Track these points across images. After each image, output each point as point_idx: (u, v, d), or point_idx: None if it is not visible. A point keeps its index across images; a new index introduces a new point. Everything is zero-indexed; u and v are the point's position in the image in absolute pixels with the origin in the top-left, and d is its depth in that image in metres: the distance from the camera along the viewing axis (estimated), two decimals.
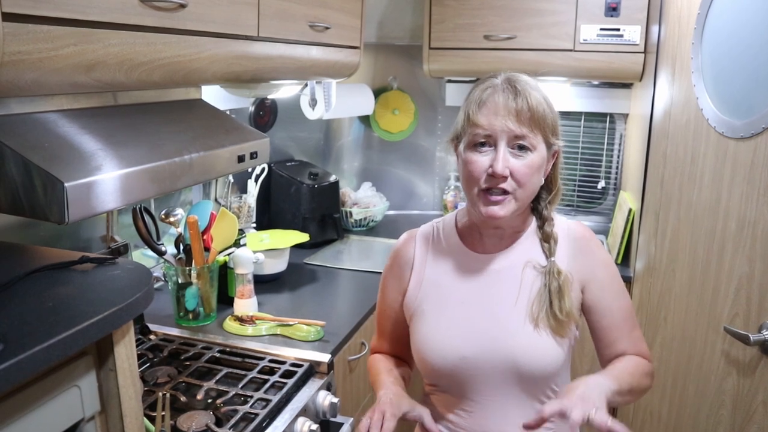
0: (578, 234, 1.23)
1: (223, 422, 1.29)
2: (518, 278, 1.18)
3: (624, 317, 1.21)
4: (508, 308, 1.17)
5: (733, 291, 1.53)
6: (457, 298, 1.20)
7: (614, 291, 1.21)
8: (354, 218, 2.86)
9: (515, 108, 1.09)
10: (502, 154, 1.10)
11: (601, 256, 1.23)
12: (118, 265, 0.90)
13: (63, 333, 0.66)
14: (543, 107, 1.12)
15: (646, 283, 2.16)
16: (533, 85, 1.14)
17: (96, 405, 0.79)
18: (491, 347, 1.14)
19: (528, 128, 1.10)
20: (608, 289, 1.21)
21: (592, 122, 3.01)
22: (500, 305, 1.17)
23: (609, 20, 2.43)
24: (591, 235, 1.25)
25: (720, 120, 1.63)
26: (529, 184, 1.13)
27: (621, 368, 1.15)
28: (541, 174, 1.16)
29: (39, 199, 0.93)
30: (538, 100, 1.11)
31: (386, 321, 1.34)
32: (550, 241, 1.20)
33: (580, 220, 3.03)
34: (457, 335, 1.17)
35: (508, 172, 1.10)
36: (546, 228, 1.22)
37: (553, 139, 1.16)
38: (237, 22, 1.39)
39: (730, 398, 1.55)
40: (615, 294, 1.21)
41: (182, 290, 1.73)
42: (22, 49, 0.88)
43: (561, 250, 1.20)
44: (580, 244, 1.22)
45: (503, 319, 1.16)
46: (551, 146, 1.16)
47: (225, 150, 1.34)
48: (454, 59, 2.65)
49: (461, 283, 1.21)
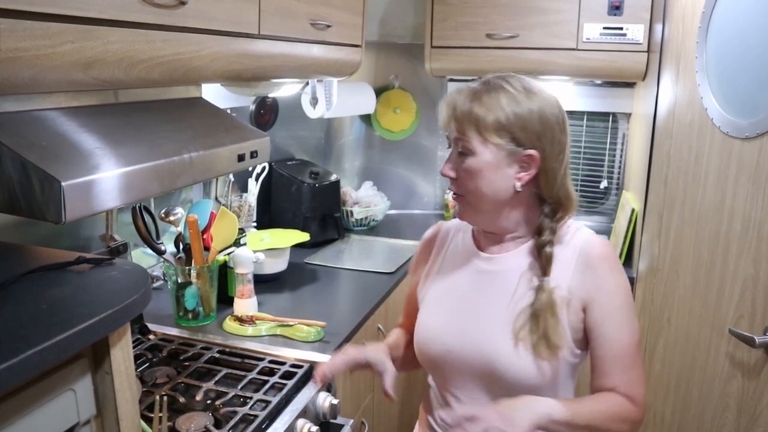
0: (594, 251, 1.14)
1: (222, 424, 1.28)
2: (513, 285, 1.16)
3: (622, 353, 1.11)
4: (495, 312, 1.16)
5: (738, 292, 1.52)
6: (456, 291, 1.23)
7: (616, 322, 1.12)
8: (355, 218, 2.85)
9: (451, 110, 1.12)
10: (449, 156, 1.14)
11: (611, 281, 1.13)
12: (115, 266, 0.89)
13: (57, 336, 0.64)
14: (478, 109, 1.08)
15: (650, 284, 2.14)
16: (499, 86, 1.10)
17: (92, 409, 0.77)
18: (472, 347, 1.16)
19: (460, 131, 1.10)
20: (610, 318, 1.12)
21: (595, 122, 3.00)
22: (489, 307, 1.17)
23: (612, 19, 2.42)
24: (610, 255, 1.15)
25: (725, 119, 1.61)
26: (472, 188, 1.12)
27: (588, 403, 1.10)
28: (491, 179, 1.11)
29: (36, 198, 0.92)
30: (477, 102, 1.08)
31: (410, 304, 1.39)
32: (541, 255, 1.13)
33: (583, 220, 3.03)
34: (447, 327, 1.20)
35: (452, 173, 1.14)
36: (539, 242, 1.15)
37: (505, 143, 1.09)
38: (238, 19, 1.38)
39: (734, 401, 1.54)
40: (617, 325, 1.12)
41: (182, 290, 1.72)
42: (19, 46, 0.87)
43: (568, 264, 1.14)
44: (592, 262, 1.13)
45: (488, 323, 1.16)
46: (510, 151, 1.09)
47: (225, 149, 1.32)
48: (456, 58, 2.63)
49: (462, 278, 1.23)
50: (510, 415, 1.00)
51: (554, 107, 1.13)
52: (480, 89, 1.11)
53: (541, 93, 1.12)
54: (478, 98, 1.10)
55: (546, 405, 1.04)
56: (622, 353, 1.11)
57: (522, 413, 1.01)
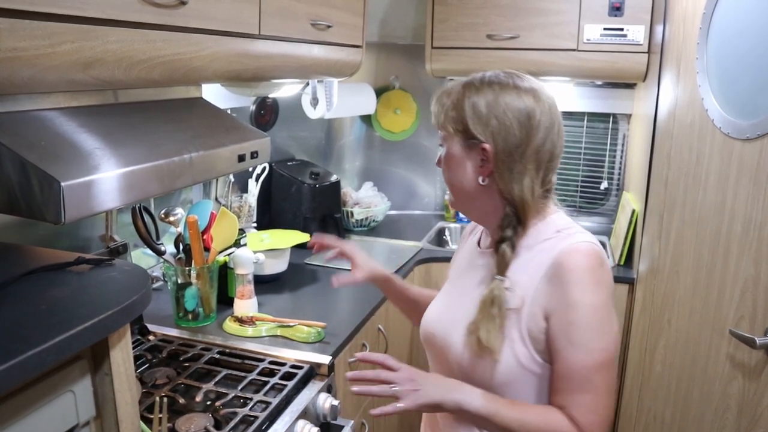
0: (568, 262, 1.06)
1: (222, 425, 1.28)
2: (482, 279, 1.17)
3: (572, 373, 1.04)
4: (464, 304, 1.17)
5: (739, 293, 1.51)
6: (454, 282, 1.29)
7: (570, 339, 1.04)
8: (355, 218, 2.85)
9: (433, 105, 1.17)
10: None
11: (575, 295, 1.04)
12: (115, 267, 0.88)
13: (56, 337, 0.64)
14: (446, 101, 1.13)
15: (650, 285, 2.14)
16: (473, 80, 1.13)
17: (91, 410, 0.77)
18: (443, 332, 1.19)
19: (437, 123, 1.16)
20: (565, 333, 1.05)
21: (595, 122, 2.99)
22: (463, 299, 1.19)
23: (613, 20, 2.42)
24: (583, 267, 1.05)
25: (725, 120, 1.61)
26: (446, 178, 1.18)
27: (520, 409, 1.07)
28: (457, 171, 1.14)
29: (36, 198, 0.91)
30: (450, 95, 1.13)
31: None
32: (498, 251, 1.11)
33: (583, 220, 3.03)
34: (436, 314, 1.26)
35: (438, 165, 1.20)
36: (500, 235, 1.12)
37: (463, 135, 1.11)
38: (238, 19, 1.38)
39: (735, 402, 1.53)
40: (571, 342, 1.04)
41: (182, 290, 1.71)
42: (19, 46, 0.87)
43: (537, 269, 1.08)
44: (561, 272, 1.05)
45: (456, 313, 1.18)
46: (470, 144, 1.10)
47: (225, 149, 1.32)
48: (456, 59, 2.63)
49: (462, 270, 1.28)
50: (422, 383, 1.06)
51: (524, 105, 1.08)
52: (456, 84, 1.15)
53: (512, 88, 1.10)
54: (449, 92, 1.14)
55: (463, 392, 1.06)
56: (571, 373, 1.04)
57: (433, 388, 1.06)
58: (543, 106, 1.10)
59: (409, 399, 1.05)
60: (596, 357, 1.04)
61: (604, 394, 1.05)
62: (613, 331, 1.07)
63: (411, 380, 1.06)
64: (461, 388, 1.07)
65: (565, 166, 3.08)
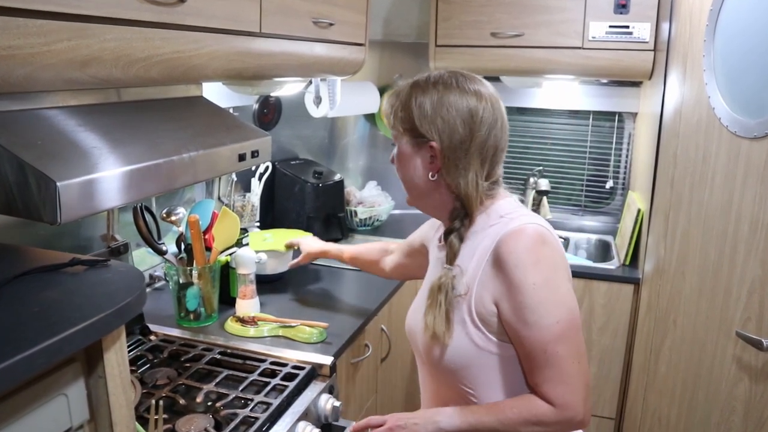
0: (505, 246, 1.10)
1: (222, 426, 1.27)
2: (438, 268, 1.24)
3: (533, 351, 1.09)
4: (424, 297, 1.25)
5: (746, 294, 1.50)
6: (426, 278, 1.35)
7: (523, 320, 1.08)
8: (359, 217, 2.84)
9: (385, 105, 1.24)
10: None
11: (515, 278, 1.08)
12: (110, 268, 0.87)
13: (47, 341, 0.63)
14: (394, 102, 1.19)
15: (655, 286, 2.12)
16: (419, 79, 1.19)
17: (85, 413, 0.76)
18: (413, 327, 1.28)
19: (389, 123, 1.22)
20: (517, 317, 1.09)
21: (600, 121, 2.98)
22: (423, 290, 1.28)
23: (618, 17, 2.40)
24: (518, 249, 1.09)
25: (732, 119, 1.59)
26: (400, 176, 1.24)
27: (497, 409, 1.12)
28: (408, 168, 1.21)
29: (32, 198, 0.91)
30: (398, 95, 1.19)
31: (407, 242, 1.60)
32: (447, 242, 1.20)
33: (588, 220, 3.01)
34: (410, 310, 1.33)
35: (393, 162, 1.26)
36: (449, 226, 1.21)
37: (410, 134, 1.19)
38: (238, 17, 1.36)
39: (741, 404, 1.52)
40: (524, 324, 1.08)
41: (183, 290, 1.70)
42: (13, 44, 0.86)
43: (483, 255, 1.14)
44: (501, 257, 1.10)
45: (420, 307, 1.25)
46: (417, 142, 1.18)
47: (225, 148, 1.31)
48: (460, 57, 2.62)
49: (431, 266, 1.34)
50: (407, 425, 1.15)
51: (467, 103, 1.14)
52: (404, 86, 1.20)
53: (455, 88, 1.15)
54: (396, 93, 1.20)
55: (441, 415, 1.14)
56: (532, 351, 1.09)
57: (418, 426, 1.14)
58: (485, 104, 1.15)
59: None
60: (552, 331, 1.07)
61: (569, 364, 1.08)
62: (564, 302, 1.10)
63: (399, 427, 1.16)
64: (438, 412, 1.15)
65: (571, 164, 3.06)
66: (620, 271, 2.39)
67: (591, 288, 2.38)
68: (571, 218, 3.02)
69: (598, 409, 2.50)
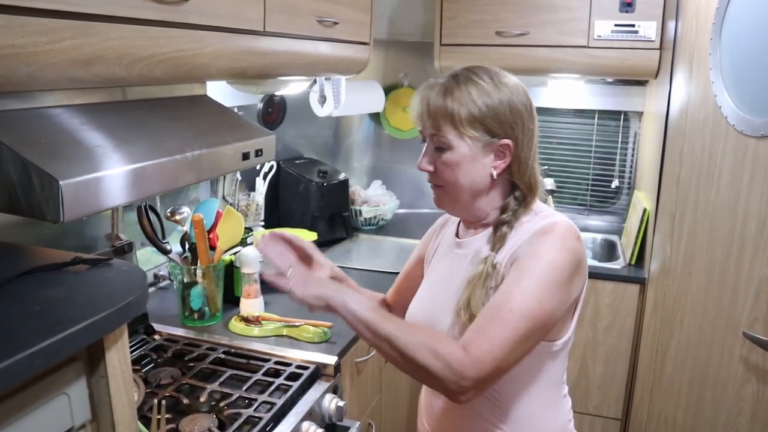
0: (544, 227, 1.12)
1: (226, 425, 1.27)
2: (467, 265, 1.19)
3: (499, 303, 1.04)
4: (449, 293, 1.19)
5: (753, 294, 1.49)
6: (434, 275, 1.30)
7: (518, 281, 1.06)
8: (363, 217, 2.83)
9: (424, 106, 1.14)
10: (425, 151, 1.17)
11: (541, 248, 1.08)
12: (112, 267, 0.87)
13: (49, 339, 0.62)
14: (451, 103, 1.10)
15: (661, 285, 2.11)
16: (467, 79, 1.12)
17: (86, 413, 0.76)
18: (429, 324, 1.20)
19: (434, 126, 1.13)
20: (515, 277, 1.07)
21: (606, 120, 2.96)
22: (447, 289, 1.21)
23: (624, 16, 2.39)
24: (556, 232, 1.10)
25: (739, 118, 1.58)
26: (452, 180, 1.15)
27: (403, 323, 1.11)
28: (469, 171, 1.13)
29: (36, 197, 0.90)
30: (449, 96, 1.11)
31: (401, 275, 1.47)
32: (497, 232, 1.16)
33: (593, 219, 3.00)
34: (420, 308, 1.27)
35: (430, 167, 1.17)
36: (499, 220, 1.17)
37: (480, 134, 1.11)
38: (242, 16, 1.36)
39: (749, 405, 1.50)
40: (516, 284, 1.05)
41: (187, 289, 1.70)
42: (16, 43, 0.85)
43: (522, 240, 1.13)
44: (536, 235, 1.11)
45: (441, 302, 1.20)
46: (487, 141, 1.12)
47: (229, 147, 1.31)
48: (465, 56, 2.61)
49: (440, 262, 1.29)
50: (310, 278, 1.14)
51: (522, 96, 1.15)
52: (450, 84, 1.13)
53: (509, 83, 1.15)
54: (450, 93, 1.12)
55: (351, 295, 1.10)
56: (499, 304, 1.04)
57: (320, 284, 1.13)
58: (529, 96, 1.17)
59: (298, 287, 1.12)
60: (531, 306, 1.03)
61: (509, 338, 1.02)
62: (559, 298, 1.06)
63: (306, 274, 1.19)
64: (351, 292, 1.12)
65: (576, 164, 3.05)
66: (626, 271, 2.38)
67: (596, 288, 2.37)
68: (577, 218, 3.01)
69: (604, 410, 2.48)
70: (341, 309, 1.08)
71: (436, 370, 1.00)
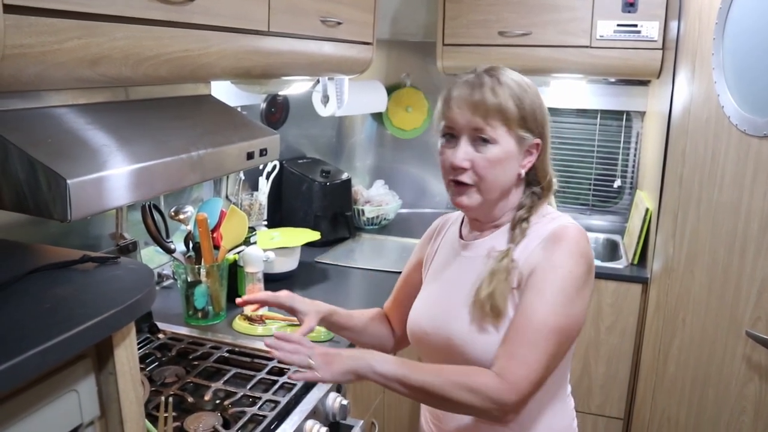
0: (559, 232, 1.13)
1: (230, 424, 1.27)
2: (480, 266, 1.19)
3: (528, 326, 1.06)
4: (461, 293, 1.19)
5: (756, 294, 1.49)
6: (438, 278, 1.28)
7: (539, 296, 1.07)
8: (366, 216, 2.84)
9: (473, 101, 1.12)
10: (461, 146, 1.14)
11: (557, 258, 1.09)
12: (120, 265, 0.88)
13: (59, 336, 0.63)
14: (504, 100, 1.11)
15: (664, 285, 2.11)
16: (505, 79, 1.14)
17: (95, 410, 0.76)
18: (438, 329, 1.19)
19: (484, 121, 1.12)
20: (538, 289, 1.08)
21: (609, 120, 2.97)
22: (458, 290, 1.20)
23: (626, 16, 2.39)
24: (570, 237, 1.12)
25: (742, 117, 1.58)
26: (490, 177, 1.13)
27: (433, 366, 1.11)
28: (506, 168, 1.14)
29: (43, 196, 0.91)
30: (499, 93, 1.11)
31: (400, 287, 1.44)
32: (516, 228, 1.17)
33: (596, 219, 3.00)
34: (425, 312, 1.25)
35: (467, 164, 1.13)
36: (517, 215, 1.18)
37: (523, 133, 1.13)
38: (246, 16, 1.37)
39: (751, 404, 1.51)
40: (536, 298, 1.07)
41: (191, 288, 1.71)
42: (25, 43, 0.86)
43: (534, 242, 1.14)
44: (551, 239, 1.12)
45: (453, 304, 1.19)
46: (523, 140, 1.14)
47: (234, 147, 1.31)
48: (468, 56, 2.61)
49: (444, 265, 1.28)
50: (331, 357, 1.08)
51: (541, 98, 1.19)
52: (493, 81, 1.13)
53: (531, 84, 1.18)
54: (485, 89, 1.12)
55: (374, 355, 1.09)
56: (528, 325, 1.06)
57: (345, 359, 1.09)
58: None
59: (325, 372, 1.08)
60: (557, 320, 1.06)
61: (543, 357, 1.05)
62: (581, 306, 1.10)
63: (325, 354, 1.10)
64: (372, 353, 1.11)
65: (579, 164, 3.05)
66: (628, 271, 2.38)
67: (599, 287, 2.37)
68: (579, 217, 3.01)
69: (606, 410, 2.49)
70: (371, 375, 1.08)
71: (476, 404, 1.03)
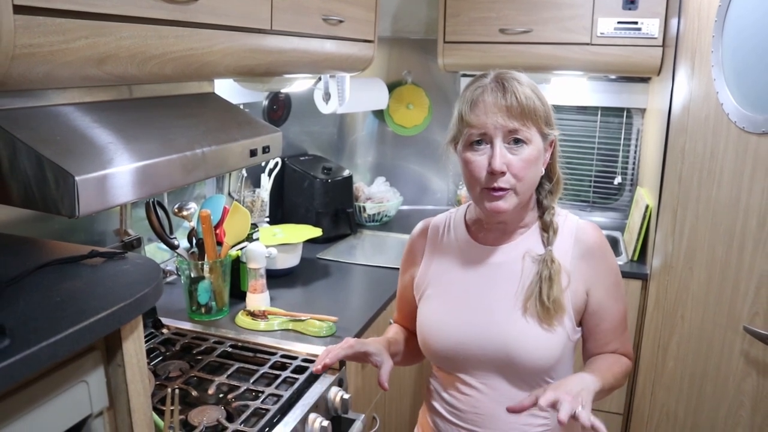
0: (591, 238, 1.22)
1: (234, 417, 1.29)
2: (517, 270, 1.21)
3: (620, 320, 1.25)
4: (502, 299, 1.20)
5: (753, 290, 1.50)
6: (460, 287, 1.25)
7: (616, 296, 1.23)
8: (367, 213, 2.85)
9: (505, 104, 1.12)
10: (498, 150, 1.12)
11: (610, 262, 1.23)
12: (127, 260, 0.89)
13: (70, 328, 0.65)
14: (533, 100, 1.14)
15: (663, 281, 2.12)
16: (522, 80, 1.17)
17: (104, 400, 0.78)
18: (485, 336, 1.18)
19: (520, 122, 1.13)
20: (612, 294, 1.22)
21: (609, 117, 2.97)
22: (496, 296, 1.21)
23: (627, 13, 2.40)
24: (603, 239, 1.24)
25: (741, 115, 1.60)
26: (528, 177, 1.15)
27: (606, 368, 1.19)
28: (538, 166, 1.17)
29: (51, 192, 0.92)
30: (527, 94, 1.14)
31: (403, 301, 1.43)
32: (549, 230, 1.21)
33: (596, 216, 3.01)
34: (457, 321, 1.22)
35: (505, 167, 1.13)
36: (545, 217, 1.23)
37: (548, 130, 1.17)
38: (250, 15, 1.38)
39: (749, 399, 1.52)
40: (615, 299, 1.23)
41: (195, 284, 1.73)
42: (34, 42, 0.88)
43: (565, 246, 1.20)
44: (591, 250, 1.21)
45: (497, 310, 1.19)
46: (546, 137, 1.18)
47: (237, 144, 1.33)
48: (469, 53, 2.62)
49: (464, 273, 1.25)
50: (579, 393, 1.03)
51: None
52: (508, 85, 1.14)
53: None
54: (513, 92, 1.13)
55: (590, 379, 1.09)
56: (620, 321, 1.24)
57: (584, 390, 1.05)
58: None
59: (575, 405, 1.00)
60: (626, 301, 1.27)
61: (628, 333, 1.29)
62: None
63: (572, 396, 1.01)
64: (582, 378, 1.10)
65: (579, 161, 3.06)
66: (628, 267, 2.39)
67: None
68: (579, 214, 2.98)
69: (606, 405, 2.50)
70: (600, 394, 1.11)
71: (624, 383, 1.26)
